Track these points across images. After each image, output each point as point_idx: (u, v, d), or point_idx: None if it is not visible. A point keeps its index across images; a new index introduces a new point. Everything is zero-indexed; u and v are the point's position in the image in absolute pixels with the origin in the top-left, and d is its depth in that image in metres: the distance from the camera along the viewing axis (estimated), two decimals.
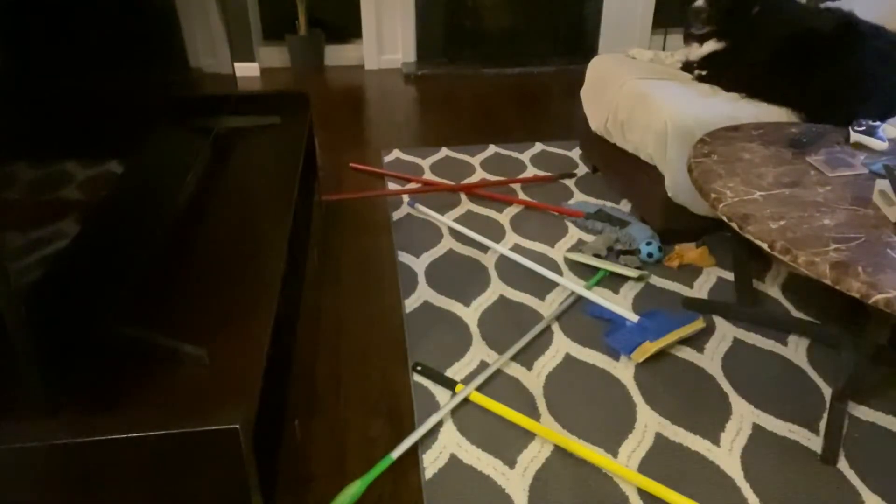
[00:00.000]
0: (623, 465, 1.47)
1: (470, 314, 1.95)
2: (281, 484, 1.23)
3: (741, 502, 1.39)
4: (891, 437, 1.54)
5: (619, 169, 2.50)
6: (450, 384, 1.66)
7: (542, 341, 1.84)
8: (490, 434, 1.54)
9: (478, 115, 3.56)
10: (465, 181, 2.78)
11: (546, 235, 2.37)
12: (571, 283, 2.06)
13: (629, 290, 2.06)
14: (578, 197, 2.65)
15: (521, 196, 2.66)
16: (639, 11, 4.37)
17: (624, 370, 1.74)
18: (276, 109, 2.20)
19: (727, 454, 1.50)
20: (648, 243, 2.17)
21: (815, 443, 1.52)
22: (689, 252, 2.20)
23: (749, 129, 1.92)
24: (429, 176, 2.83)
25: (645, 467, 1.46)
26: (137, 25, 1.51)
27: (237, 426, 0.93)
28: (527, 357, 1.78)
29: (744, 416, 1.60)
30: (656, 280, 2.11)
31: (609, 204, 2.58)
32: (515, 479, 1.43)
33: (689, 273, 2.15)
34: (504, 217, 2.50)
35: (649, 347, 1.75)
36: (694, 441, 1.53)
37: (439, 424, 1.56)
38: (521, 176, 2.82)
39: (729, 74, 2.24)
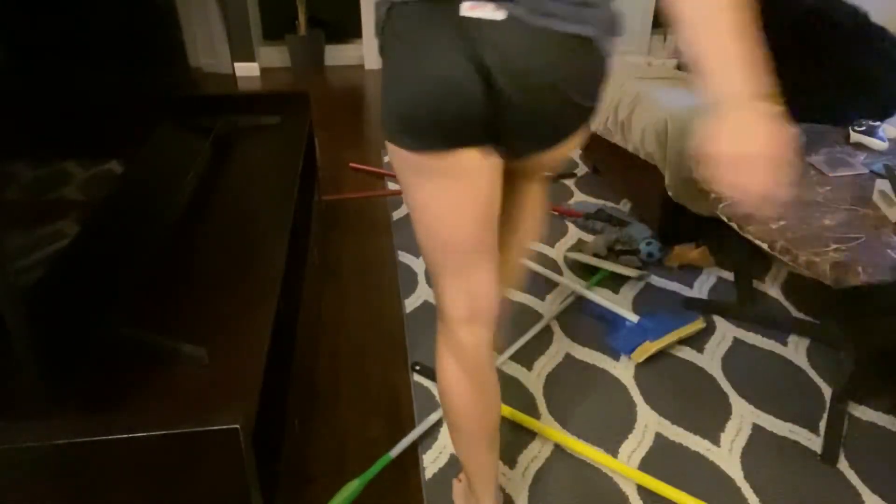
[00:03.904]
0: (623, 464, 1.47)
1: None
2: (281, 484, 1.23)
3: (741, 502, 1.39)
4: (891, 437, 1.54)
5: (619, 169, 2.50)
6: None
7: (542, 341, 1.84)
8: None
9: None
10: None
11: (546, 235, 2.37)
12: (571, 283, 2.06)
13: (629, 290, 2.06)
14: (578, 197, 2.65)
15: None
16: (639, 11, 4.36)
17: (624, 370, 1.74)
18: (276, 109, 2.19)
19: (727, 454, 1.50)
20: (648, 243, 2.17)
21: (815, 443, 1.52)
22: (689, 252, 2.20)
23: None
24: None
25: (645, 467, 1.46)
26: (138, 26, 1.51)
27: (237, 426, 0.93)
28: (527, 357, 1.78)
29: (744, 416, 1.60)
30: (656, 280, 2.11)
31: (609, 204, 2.58)
32: (515, 479, 1.43)
33: (689, 273, 2.15)
34: None
35: (649, 347, 1.75)
36: (694, 441, 1.53)
37: (439, 424, 1.56)
38: None
39: None
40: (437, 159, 0.89)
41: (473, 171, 0.91)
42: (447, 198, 0.93)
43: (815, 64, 2.05)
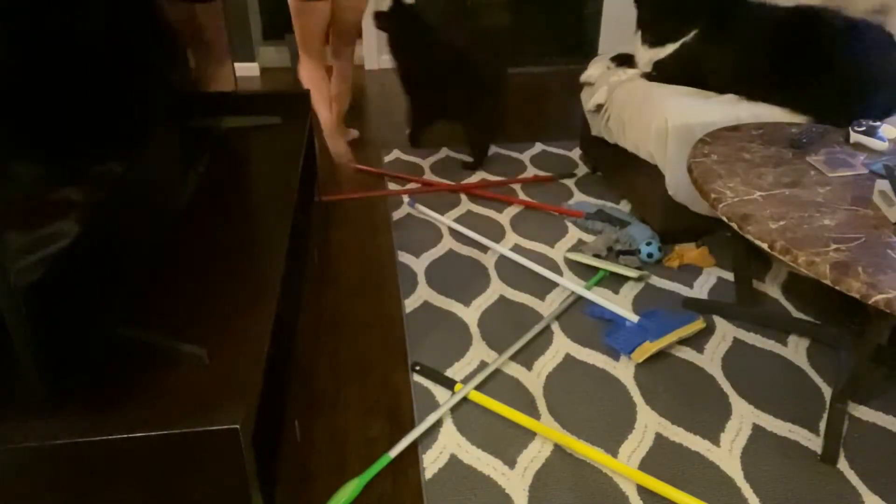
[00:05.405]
0: (623, 464, 1.47)
1: (470, 314, 1.95)
2: (281, 484, 1.23)
3: (741, 502, 1.39)
4: (891, 437, 1.54)
5: (619, 169, 2.50)
6: (449, 384, 1.66)
7: (542, 341, 1.84)
8: (490, 434, 1.54)
9: None
10: (465, 181, 2.78)
11: (546, 235, 2.37)
12: (571, 283, 2.06)
13: (629, 290, 2.06)
14: (578, 197, 2.65)
15: (521, 196, 2.66)
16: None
17: (624, 370, 1.74)
18: (276, 109, 2.19)
19: (727, 454, 1.50)
20: (648, 243, 2.17)
21: (815, 443, 1.52)
22: (689, 252, 2.20)
23: (749, 129, 1.92)
24: (429, 176, 2.83)
25: (645, 468, 1.46)
26: (137, 25, 1.51)
27: (237, 426, 0.93)
28: (527, 357, 1.78)
29: (744, 416, 1.60)
30: (656, 280, 2.11)
31: (609, 204, 2.58)
32: (515, 479, 1.43)
33: (689, 273, 2.15)
34: (504, 217, 2.50)
35: (649, 347, 1.75)
36: (694, 441, 1.53)
37: (439, 424, 1.56)
38: (521, 176, 2.82)
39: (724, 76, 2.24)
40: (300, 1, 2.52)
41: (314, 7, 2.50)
42: (305, 17, 2.54)
43: (816, 66, 2.05)
